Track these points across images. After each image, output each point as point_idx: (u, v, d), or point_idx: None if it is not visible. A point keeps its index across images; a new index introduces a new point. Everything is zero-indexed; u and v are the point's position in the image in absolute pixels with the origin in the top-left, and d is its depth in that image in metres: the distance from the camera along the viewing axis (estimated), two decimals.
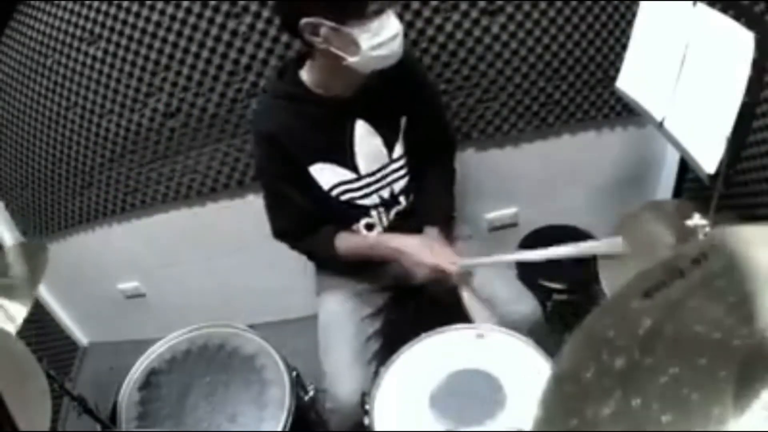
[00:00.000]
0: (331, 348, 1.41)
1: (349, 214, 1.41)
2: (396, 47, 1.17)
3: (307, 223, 1.40)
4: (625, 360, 0.60)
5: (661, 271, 0.63)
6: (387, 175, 1.39)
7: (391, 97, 1.32)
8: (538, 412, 0.59)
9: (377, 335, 1.47)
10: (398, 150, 1.38)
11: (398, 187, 1.42)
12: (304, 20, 1.11)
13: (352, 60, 1.15)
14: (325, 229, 1.41)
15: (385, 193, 1.41)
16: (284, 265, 2.00)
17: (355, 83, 1.27)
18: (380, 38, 1.14)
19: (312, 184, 1.36)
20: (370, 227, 1.43)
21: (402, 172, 1.41)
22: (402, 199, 1.43)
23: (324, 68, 1.25)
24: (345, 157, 1.34)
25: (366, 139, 1.34)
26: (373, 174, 1.37)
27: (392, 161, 1.38)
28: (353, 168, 1.35)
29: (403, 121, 1.38)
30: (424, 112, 1.41)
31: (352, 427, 1.32)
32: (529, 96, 1.73)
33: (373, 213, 1.41)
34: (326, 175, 1.35)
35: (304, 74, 1.30)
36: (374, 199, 1.40)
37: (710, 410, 0.57)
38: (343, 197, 1.38)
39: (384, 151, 1.37)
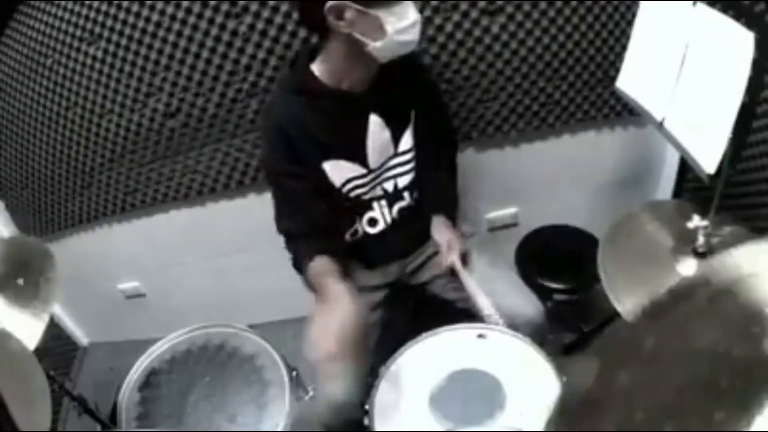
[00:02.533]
0: None
1: (353, 209, 1.41)
2: (417, 33, 1.19)
3: (305, 225, 1.32)
4: (628, 377, 0.60)
5: (668, 299, 0.63)
6: (391, 168, 1.39)
7: (401, 90, 1.32)
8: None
9: (373, 329, 1.46)
10: (404, 144, 1.38)
11: (402, 181, 1.41)
12: (330, 3, 1.11)
13: (375, 45, 1.16)
14: (315, 244, 1.30)
15: (389, 186, 1.40)
16: (284, 265, 2.00)
17: (369, 75, 1.27)
18: (404, 23, 1.15)
19: (322, 180, 1.33)
20: (373, 222, 1.43)
21: (407, 167, 1.40)
22: (406, 194, 1.43)
23: (340, 58, 1.24)
24: (357, 153, 1.33)
25: (377, 134, 1.34)
26: (379, 168, 1.37)
27: (397, 155, 1.38)
28: (363, 163, 1.35)
29: (413, 114, 1.38)
30: (429, 107, 1.42)
31: (343, 420, 1.32)
32: (529, 96, 1.73)
33: (375, 206, 1.41)
34: (338, 171, 1.34)
35: (317, 68, 1.28)
36: (377, 192, 1.40)
37: (713, 418, 0.56)
38: (352, 193, 1.38)
39: (391, 144, 1.36)
